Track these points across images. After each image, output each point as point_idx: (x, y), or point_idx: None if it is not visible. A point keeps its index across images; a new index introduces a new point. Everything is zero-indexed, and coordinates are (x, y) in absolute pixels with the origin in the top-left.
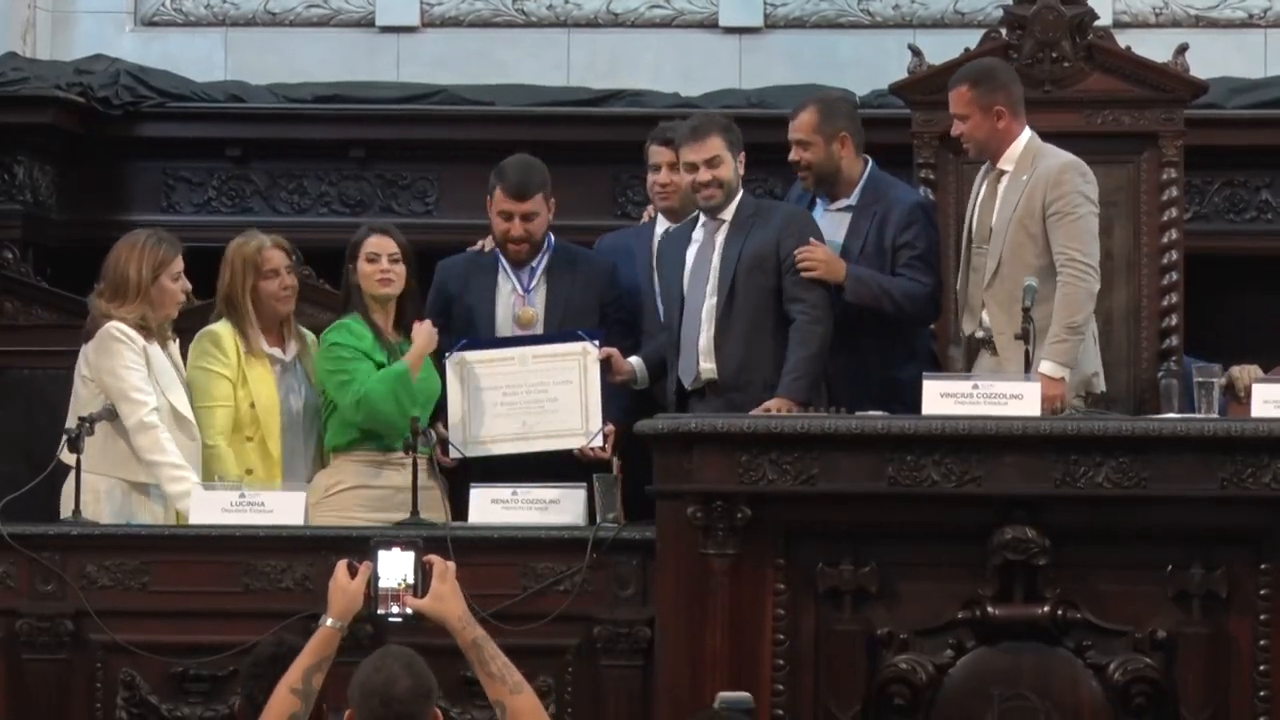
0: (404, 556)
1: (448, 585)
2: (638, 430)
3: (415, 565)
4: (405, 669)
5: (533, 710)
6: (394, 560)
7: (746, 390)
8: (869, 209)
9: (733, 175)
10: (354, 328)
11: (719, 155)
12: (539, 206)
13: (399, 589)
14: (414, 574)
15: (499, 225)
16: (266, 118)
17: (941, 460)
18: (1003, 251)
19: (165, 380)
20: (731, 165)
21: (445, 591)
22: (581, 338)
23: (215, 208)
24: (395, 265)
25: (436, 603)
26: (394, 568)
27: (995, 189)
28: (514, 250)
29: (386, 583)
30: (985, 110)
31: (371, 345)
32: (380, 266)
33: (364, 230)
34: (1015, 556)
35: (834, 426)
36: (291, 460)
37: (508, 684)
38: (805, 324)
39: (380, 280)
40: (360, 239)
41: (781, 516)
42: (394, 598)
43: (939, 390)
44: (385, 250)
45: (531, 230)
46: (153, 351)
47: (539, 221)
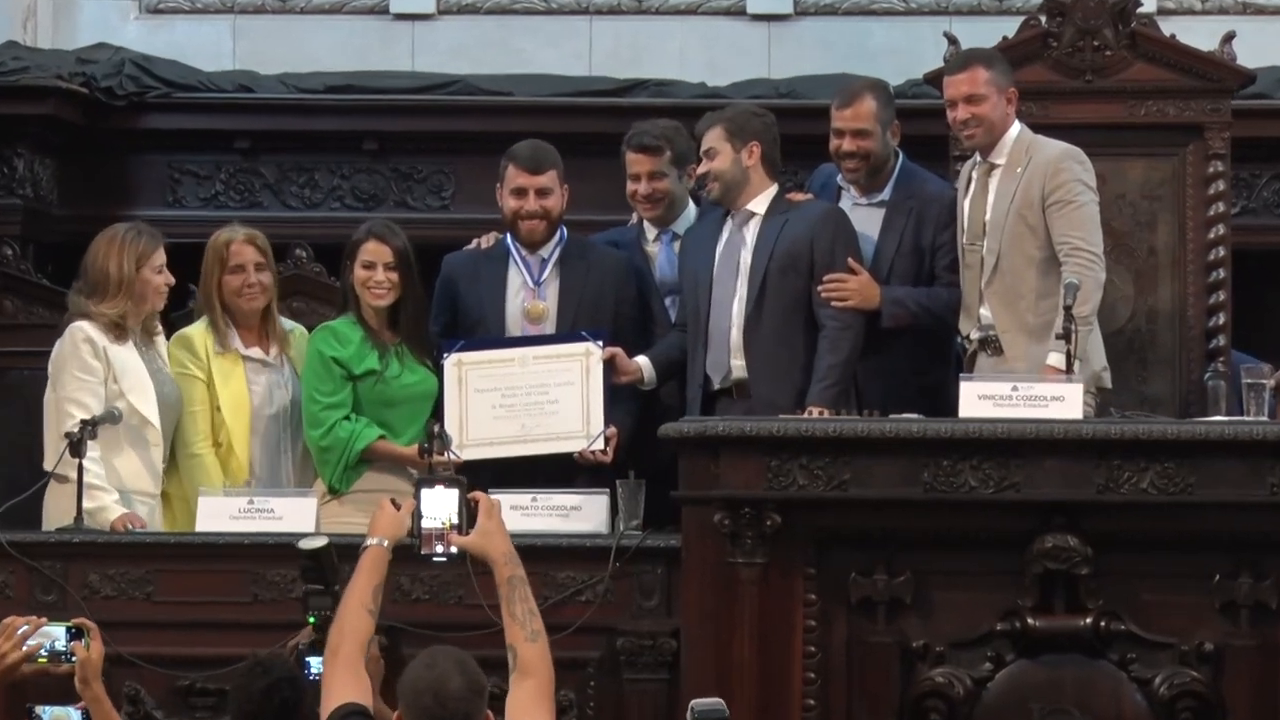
0: (448, 494)
1: (494, 521)
2: (663, 434)
3: (460, 503)
4: (457, 667)
5: (540, 662)
6: (438, 498)
7: (776, 392)
8: (904, 204)
9: (728, 166)
10: (340, 331)
11: (714, 147)
12: (553, 183)
13: (444, 528)
14: (459, 512)
15: (511, 204)
16: (276, 109)
17: (979, 465)
18: (1001, 245)
19: (129, 382)
20: (729, 158)
21: (491, 527)
22: (585, 338)
23: (223, 202)
24: (390, 273)
25: (483, 538)
26: (438, 506)
27: (987, 183)
28: (527, 229)
29: (430, 522)
30: (1001, 92)
31: (358, 349)
32: (375, 276)
33: (363, 232)
34: (1056, 565)
35: (867, 430)
36: (274, 464)
37: (526, 630)
38: (835, 330)
39: (373, 291)
40: (358, 241)
41: (812, 523)
42: (438, 537)
43: (976, 392)
44: (381, 259)
45: (547, 207)
46: (118, 353)
47: (554, 200)
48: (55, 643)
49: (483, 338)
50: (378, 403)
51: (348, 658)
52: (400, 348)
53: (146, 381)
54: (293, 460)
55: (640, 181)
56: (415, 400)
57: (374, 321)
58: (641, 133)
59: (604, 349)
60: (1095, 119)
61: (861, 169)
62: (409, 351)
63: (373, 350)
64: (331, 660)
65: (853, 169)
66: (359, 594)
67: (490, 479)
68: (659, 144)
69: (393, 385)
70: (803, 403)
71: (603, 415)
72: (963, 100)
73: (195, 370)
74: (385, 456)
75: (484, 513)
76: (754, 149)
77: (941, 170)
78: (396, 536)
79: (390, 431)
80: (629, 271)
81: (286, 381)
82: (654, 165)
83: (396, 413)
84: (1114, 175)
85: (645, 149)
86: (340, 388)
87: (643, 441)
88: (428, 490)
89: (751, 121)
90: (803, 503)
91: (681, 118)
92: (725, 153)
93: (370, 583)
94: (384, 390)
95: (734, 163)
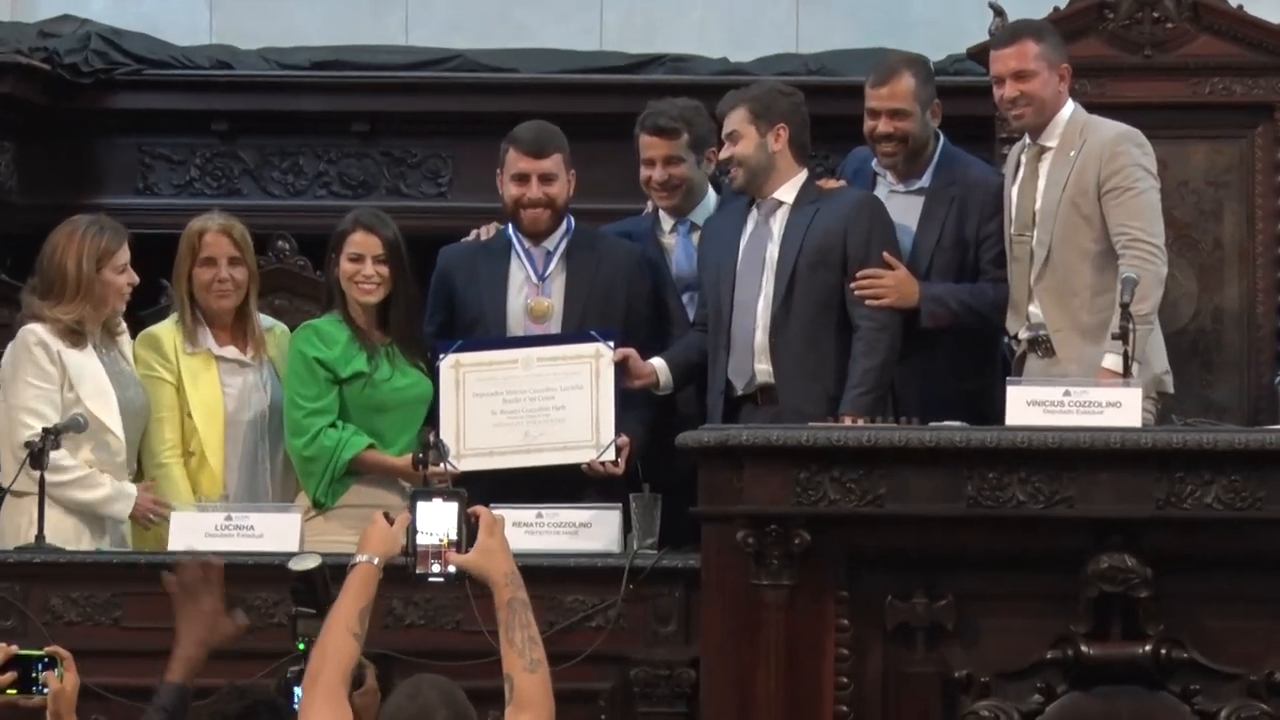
0: (447, 509)
1: (496, 539)
2: (680, 443)
3: (459, 518)
4: (443, 699)
5: (540, 695)
6: (434, 513)
7: (805, 399)
8: (944, 192)
9: (753, 151)
10: (325, 330)
11: (737, 130)
12: (557, 168)
13: (441, 545)
14: (457, 528)
15: (513, 191)
16: (257, 87)
17: (1028, 478)
18: (1053, 237)
19: (88, 388)
20: (754, 142)
21: (494, 545)
22: (594, 338)
23: (198, 189)
24: (380, 267)
25: (484, 557)
26: (435, 521)
27: (1037, 168)
28: (530, 218)
29: (426, 539)
30: (1053, 68)
31: (344, 350)
32: (363, 270)
33: (349, 221)
34: (1112, 588)
35: (905, 439)
36: (252, 475)
37: (525, 659)
38: (871, 330)
39: (361, 286)
40: (344, 232)
41: (844, 542)
42: (435, 555)
43: (1025, 398)
44: (370, 250)
45: (551, 194)
46: (74, 357)
47: (558, 186)
48: (26, 672)
49: (482, 338)
50: (366, 408)
51: (328, 686)
52: (391, 348)
53: (106, 386)
54: (272, 471)
55: (655, 167)
56: (407, 406)
57: (362, 320)
58: (656, 113)
59: (615, 350)
60: (1155, 98)
61: (899, 153)
62: (400, 352)
63: (360, 351)
64: (311, 688)
65: (889, 153)
66: (344, 616)
67: (490, 492)
68: (675, 126)
69: (382, 389)
70: (835, 410)
71: (614, 423)
72: (1010, 77)
73: (163, 372)
74: (375, 468)
75: (485, 529)
76: (781, 132)
77: (987, 154)
78: (389, 554)
79: (380, 440)
80: (643, 265)
81: (265, 384)
82: (670, 149)
83: (387, 419)
84: (1176, 160)
85: (660, 131)
86: (325, 392)
87: (658, 452)
88: (424, 504)
89: (778, 101)
90: (834, 519)
91: (701, 97)
92: (750, 136)
93: (357, 604)
94: (373, 395)
95: (759, 147)
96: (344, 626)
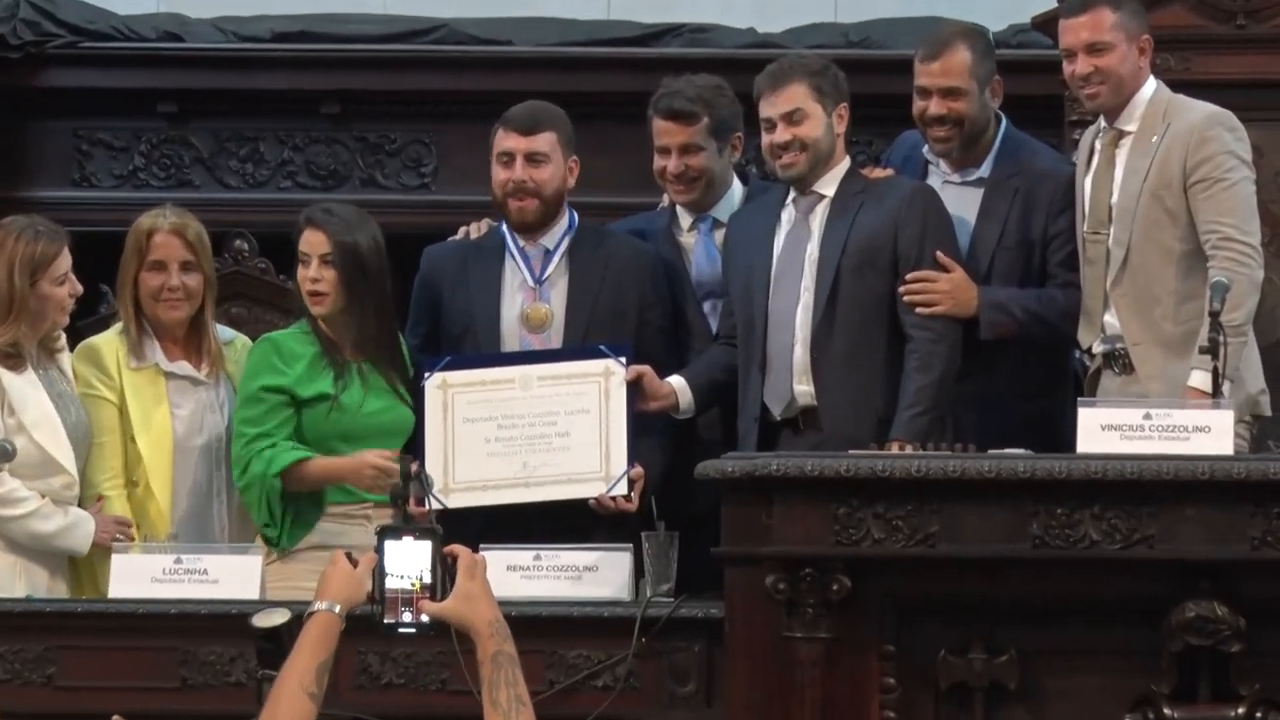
0: (419, 548)
1: (477, 583)
2: (701, 474)
3: (434, 559)
4: None
5: None
6: (405, 553)
7: (853, 423)
8: (1007, 183)
9: (822, 134)
10: (285, 345)
11: (801, 108)
12: (549, 148)
13: (413, 590)
14: (432, 571)
15: (499, 176)
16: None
17: (1102, 514)
18: (1132, 235)
19: (31, 416)
20: (821, 122)
21: (474, 590)
22: (603, 354)
23: (144, 180)
24: (326, 270)
25: (462, 604)
26: (406, 562)
27: (1113, 156)
28: (515, 208)
29: (397, 582)
30: (1132, 40)
31: (307, 368)
32: (308, 273)
33: (300, 218)
34: (1200, 641)
35: (960, 469)
36: (204, 511)
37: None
38: (926, 342)
39: (309, 295)
40: (296, 230)
41: (891, 588)
42: (406, 602)
43: (1099, 421)
44: (316, 250)
45: (539, 180)
46: (12, 382)
47: (549, 171)
48: None
49: (473, 354)
50: (333, 436)
51: None
52: (364, 366)
53: (51, 412)
54: (229, 506)
55: (670, 156)
56: (381, 435)
57: (332, 332)
58: (671, 94)
59: (627, 368)
60: (1249, 74)
61: (954, 138)
62: (375, 371)
63: (327, 369)
64: None
65: (943, 138)
66: (299, 673)
67: (481, 531)
68: (693, 109)
69: (350, 414)
70: (887, 436)
71: (626, 452)
72: (1083, 50)
73: (104, 390)
74: (318, 479)
75: (465, 572)
76: (844, 112)
77: (1055, 139)
78: (352, 601)
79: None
80: (657, 268)
81: (221, 405)
82: (687, 136)
83: (358, 449)
84: (1273, 147)
85: (676, 115)
86: (273, 414)
87: (676, 485)
88: (393, 542)
89: (837, 75)
90: (878, 562)
91: (723, 73)
92: (816, 116)
93: (315, 659)
94: (340, 420)
95: (827, 129)
96: (298, 685)
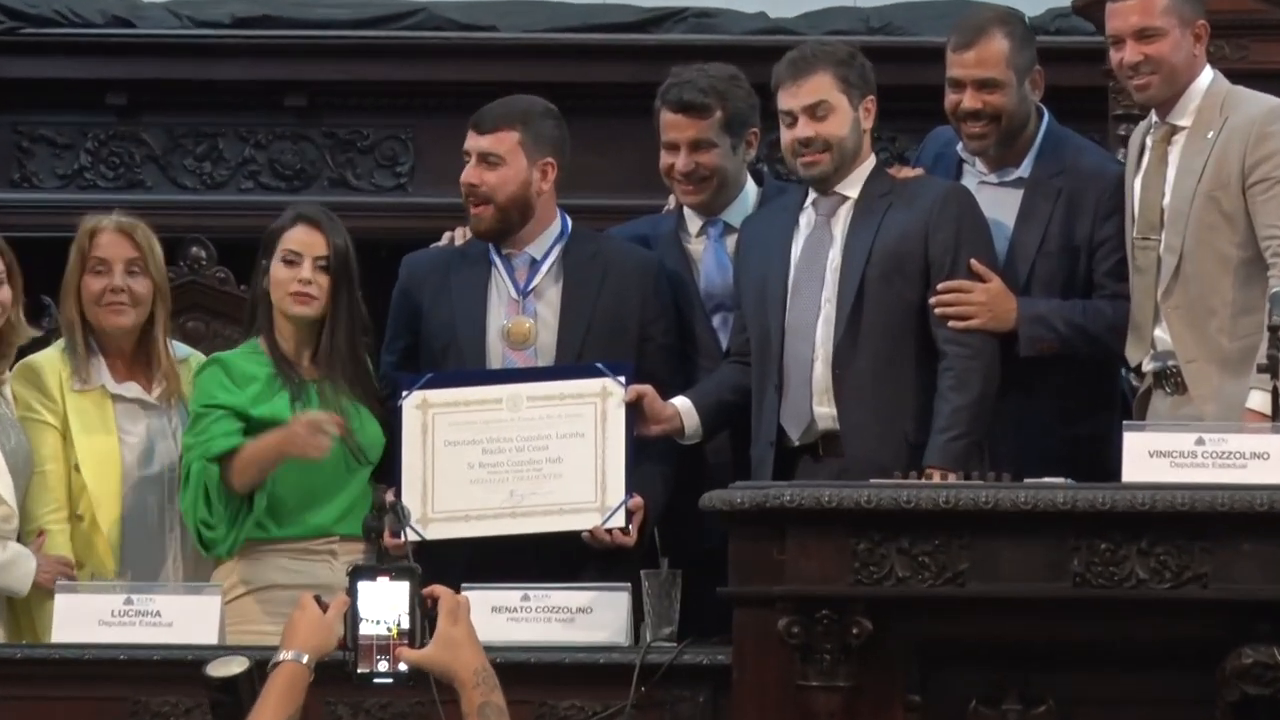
0: (395, 589)
1: (461, 628)
2: (706, 506)
3: (412, 602)
4: None
5: None
6: (380, 595)
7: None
8: (1049, 184)
9: (848, 130)
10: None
11: (826, 100)
12: (506, 149)
13: (389, 636)
14: (410, 614)
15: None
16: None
17: (1151, 549)
18: (1185, 241)
19: None
20: (848, 117)
21: (457, 636)
22: (600, 372)
23: (90, 180)
24: (321, 275)
25: (444, 651)
26: (381, 606)
27: (1165, 154)
28: (471, 218)
29: (371, 628)
30: (1186, 25)
31: (261, 390)
32: (299, 274)
33: (288, 217)
34: (1258, 690)
35: (994, 500)
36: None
37: None
38: (961, 358)
39: (295, 295)
40: (279, 229)
41: (916, 632)
42: (381, 649)
43: (1148, 446)
44: (311, 251)
45: (489, 184)
46: None
47: (503, 174)
48: None
49: (457, 371)
50: (290, 465)
51: None
52: (325, 386)
53: None
54: (182, 541)
55: (678, 153)
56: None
57: (290, 347)
58: (680, 85)
59: (627, 387)
60: None
61: (990, 134)
62: (337, 390)
63: (283, 390)
64: None
65: (978, 134)
66: None
67: (464, 569)
68: (705, 101)
69: None
70: (916, 462)
71: (624, 480)
72: (1132, 36)
73: (45, 414)
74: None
75: (446, 615)
76: (871, 105)
77: (1100, 135)
78: (322, 649)
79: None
80: (661, 278)
81: (175, 431)
82: (698, 131)
83: (316, 480)
84: None
85: (687, 107)
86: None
87: (680, 517)
88: (367, 583)
89: (865, 67)
90: (902, 603)
91: (733, 62)
92: (843, 110)
93: (281, 714)
94: None
95: (854, 125)
96: None
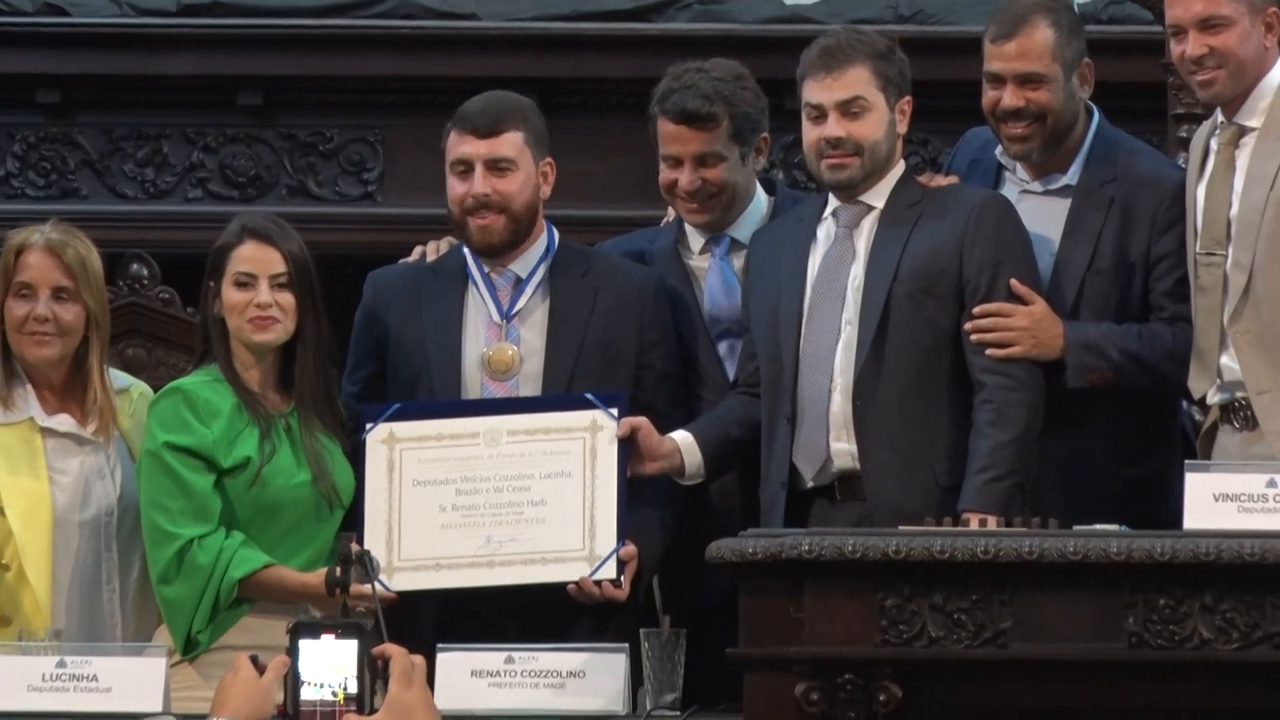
0: (341, 649)
1: (415, 692)
2: (712, 556)
3: (360, 663)
4: None
5: None
6: (324, 654)
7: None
8: (1100, 192)
9: (883, 134)
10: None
11: (863, 97)
12: (515, 151)
13: (335, 702)
14: (359, 677)
15: (455, 190)
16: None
17: (1215, 605)
18: (1255, 257)
19: None
20: (883, 119)
21: (410, 701)
22: (591, 403)
23: (17, 188)
24: (281, 294)
25: (398, 718)
26: (325, 668)
27: (1233, 159)
28: (478, 229)
29: (314, 692)
30: (1256, 15)
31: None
32: (255, 297)
33: (232, 232)
34: None
35: (1039, 550)
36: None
37: None
38: (1001, 390)
39: (255, 321)
40: (227, 246)
41: (951, 698)
42: (326, 716)
43: (1213, 489)
44: (266, 270)
45: (505, 192)
46: None
47: (517, 180)
48: None
49: (428, 401)
50: (253, 509)
51: None
52: (290, 421)
53: None
54: (121, 595)
55: (682, 169)
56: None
57: (254, 377)
58: (682, 90)
59: (620, 421)
60: None
61: (1034, 136)
62: (306, 427)
63: (251, 425)
64: None
65: (1020, 136)
66: None
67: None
68: (712, 109)
69: (276, 485)
70: (950, 507)
71: (616, 526)
72: (1195, 26)
73: None
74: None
75: (399, 678)
76: (907, 106)
77: (1159, 137)
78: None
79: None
80: (660, 299)
81: (113, 469)
82: (704, 143)
83: (281, 527)
84: None
85: (690, 118)
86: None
87: (682, 568)
88: (309, 642)
89: (903, 63)
90: (935, 666)
91: (742, 55)
92: (878, 110)
93: None
94: (263, 493)
95: (889, 128)
96: None
